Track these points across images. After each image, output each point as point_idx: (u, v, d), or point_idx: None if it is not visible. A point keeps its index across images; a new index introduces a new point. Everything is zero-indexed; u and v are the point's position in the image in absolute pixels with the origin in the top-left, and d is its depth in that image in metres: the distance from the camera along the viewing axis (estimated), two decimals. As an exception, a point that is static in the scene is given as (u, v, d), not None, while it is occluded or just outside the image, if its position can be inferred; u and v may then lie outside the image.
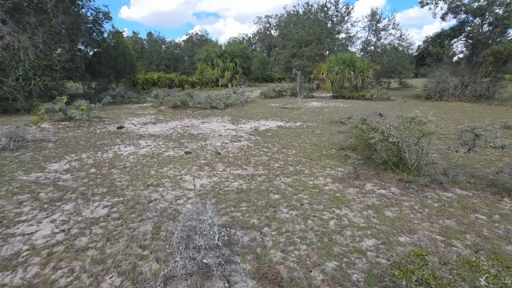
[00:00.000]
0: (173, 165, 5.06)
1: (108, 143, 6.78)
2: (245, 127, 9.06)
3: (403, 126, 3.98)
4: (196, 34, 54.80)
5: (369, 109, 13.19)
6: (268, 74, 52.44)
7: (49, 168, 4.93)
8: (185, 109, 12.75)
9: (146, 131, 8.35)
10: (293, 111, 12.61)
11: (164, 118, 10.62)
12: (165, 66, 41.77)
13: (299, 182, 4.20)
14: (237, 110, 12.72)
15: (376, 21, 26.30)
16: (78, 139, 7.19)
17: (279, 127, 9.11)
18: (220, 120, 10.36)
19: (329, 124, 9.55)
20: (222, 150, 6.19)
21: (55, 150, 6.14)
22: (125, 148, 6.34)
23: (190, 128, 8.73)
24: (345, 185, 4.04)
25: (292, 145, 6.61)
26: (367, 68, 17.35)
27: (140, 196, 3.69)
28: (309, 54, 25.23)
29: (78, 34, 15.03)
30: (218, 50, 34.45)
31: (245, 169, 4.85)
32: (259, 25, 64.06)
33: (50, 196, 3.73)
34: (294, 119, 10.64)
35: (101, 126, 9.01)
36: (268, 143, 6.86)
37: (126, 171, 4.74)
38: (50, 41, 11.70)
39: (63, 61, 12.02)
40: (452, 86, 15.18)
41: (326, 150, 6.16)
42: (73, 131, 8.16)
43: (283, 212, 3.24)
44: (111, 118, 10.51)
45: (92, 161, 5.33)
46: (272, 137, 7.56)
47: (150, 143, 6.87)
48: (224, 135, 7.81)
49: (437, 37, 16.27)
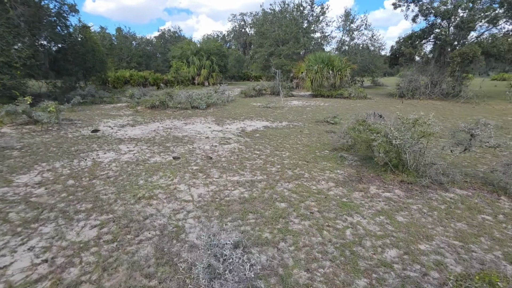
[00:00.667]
0: (163, 173, 4.66)
1: (84, 149, 6.14)
2: (231, 128, 8.76)
3: (404, 127, 3.97)
4: (169, 30, 52.97)
5: (349, 108, 13.48)
6: (244, 72, 52.14)
7: (17, 181, 4.30)
8: (164, 109, 12.11)
9: (125, 134, 7.74)
10: (277, 110, 12.49)
11: (143, 120, 9.97)
12: (136, 63, 39.86)
13: (302, 187, 4.03)
14: (220, 110, 12.34)
15: (350, 21, 27.06)
16: (48, 145, 6.45)
17: (266, 127, 8.92)
18: (204, 121, 9.94)
19: (315, 123, 9.54)
20: (213, 154, 5.87)
21: (22, 159, 5.43)
22: (105, 155, 5.78)
23: (174, 130, 8.25)
24: (349, 189, 3.94)
25: (284, 147, 6.45)
26: (344, 67, 17.74)
27: (133, 212, 3.30)
28: (286, 53, 25.34)
29: (40, 27, 13.67)
30: (193, 48, 33.46)
31: (242, 174, 4.59)
32: (234, 22, 63.48)
33: (23, 217, 3.21)
34: (279, 118, 10.52)
35: (73, 129, 8.22)
36: (259, 145, 6.65)
37: (110, 182, 4.27)
38: (7, 35, 10.48)
39: (23, 58, 10.83)
40: (423, 85, 16.00)
41: (319, 151, 6.08)
42: (40, 136, 7.33)
43: (295, 223, 3.05)
44: (83, 120, 9.65)
45: (69, 171, 4.76)
46: (262, 138, 7.35)
47: (132, 148, 6.34)
48: (211, 137, 7.46)
49: (409, 38, 17.07)
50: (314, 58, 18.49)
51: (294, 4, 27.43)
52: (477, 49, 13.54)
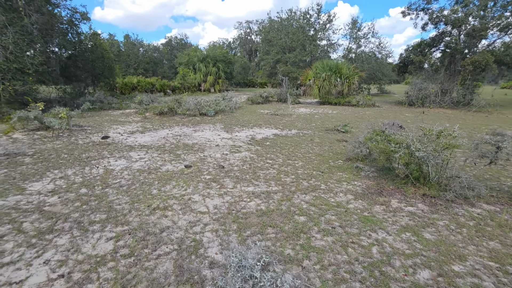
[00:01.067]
0: (176, 182, 4.58)
1: (95, 156, 6.11)
2: (241, 135, 8.68)
3: (427, 139, 3.84)
4: (176, 37, 53.69)
5: (358, 116, 13.35)
6: (249, 79, 52.46)
7: (30, 189, 4.26)
8: (172, 116, 12.12)
9: (135, 141, 7.72)
10: (285, 118, 12.42)
11: (152, 126, 9.96)
12: (143, 70, 40.39)
13: (320, 200, 3.91)
14: (228, 117, 12.31)
15: (357, 29, 27.11)
16: (59, 151, 6.43)
17: (276, 135, 8.83)
18: (213, 128, 9.90)
19: (325, 131, 9.42)
20: (225, 162, 5.78)
21: (34, 165, 5.40)
22: (116, 162, 5.73)
23: (183, 138, 8.20)
24: (369, 202, 3.80)
25: (296, 156, 6.34)
26: (352, 74, 17.67)
27: (148, 224, 3.20)
28: (293, 60, 25.41)
29: (52, 35, 13.91)
30: (200, 55, 33.82)
31: (257, 185, 4.48)
32: (240, 30, 64.19)
33: (37, 227, 3.14)
34: (288, 126, 10.43)
35: (83, 135, 8.23)
36: (271, 153, 6.54)
37: (123, 191, 4.20)
38: (21, 42, 10.64)
39: (36, 64, 10.98)
40: (433, 93, 15.81)
41: (333, 161, 5.95)
42: (51, 142, 7.34)
43: (317, 238, 2.92)
44: (93, 127, 9.68)
45: (81, 179, 4.71)
46: (272, 146, 7.25)
47: (142, 155, 6.29)
48: (221, 145, 7.39)
49: (418, 46, 16.97)
50: (321, 66, 18.46)
51: (300, 12, 27.68)
52: (490, 57, 13.38)
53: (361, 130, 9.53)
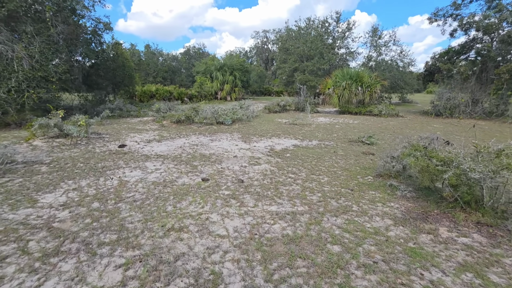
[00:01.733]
0: (193, 198, 4.24)
1: (111, 166, 5.92)
2: (259, 146, 8.32)
3: (481, 157, 3.30)
4: (194, 47, 54.92)
5: (381, 126, 12.67)
6: (265, 87, 52.50)
7: (42, 202, 4.06)
8: (189, 124, 11.99)
9: (151, 150, 7.53)
10: (304, 128, 11.97)
11: (168, 135, 9.81)
12: (162, 78, 41.31)
13: (354, 224, 3.43)
14: (245, 126, 12.01)
15: (378, 37, 26.42)
16: (76, 160, 6.31)
17: (296, 146, 8.40)
18: (230, 137, 9.60)
19: (349, 143, 8.88)
20: (244, 176, 5.41)
21: (49, 175, 5.26)
22: (131, 173, 5.50)
23: (200, 147, 7.94)
24: (413, 230, 3.28)
25: (320, 170, 5.87)
26: (374, 83, 17.01)
27: (162, 248, 2.86)
28: (311, 69, 25.00)
29: (77, 44, 14.33)
30: (217, 63, 34.21)
31: (280, 204, 4.06)
32: (257, 39, 64.80)
33: (43, 248, 2.87)
34: (308, 137, 9.97)
35: (101, 144, 8.15)
36: (292, 166, 6.11)
37: (137, 206, 3.90)
38: (47, 51, 10.94)
39: (60, 72, 11.22)
40: (463, 103, 14.85)
41: (361, 177, 5.44)
42: (69, 150, 7.28)
43: (358, 276, 2.45)
44: (110, 134, 9.65)
45: (94, 191, 4.48)
46: (293, 158, 6.82)
47: (158, 166, 6.04)
48: (239, 156, 7.04)
49: (445, 54, 16.11)
50: (341, 74, 17.95)
51: (319, 20, 27.40)
52: (528, 65, 12.41)
53: (387, 142, 8.94)
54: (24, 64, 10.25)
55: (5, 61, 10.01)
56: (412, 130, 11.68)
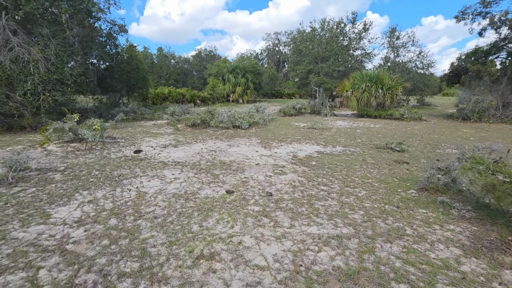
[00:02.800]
0: (219, 215, 3.78)
1: (127, 174, 5.55)
2: (281, 152, 7.82)
3: None
4: (205, 49, 55.09)
5: (406, 131, 11.96)
6: (277, 89, 52.05)
7: (55, 216, 3.68)
8: (205, 128, 11.61)
9: (168, 156, 7.15)
10: (324, 132, 11.40)
11: (184, 140, 9.44)
12: (174, 80, 41.46)
13: (415, 254, 2.88)
14: (262, 130, 11.54)
15: (396, 37, 25.55)
16: (91, 167, 5.98)
17: (320, 153, 7.86)
18: (248, 142, 9.15)
19: (376, 150, 8.27)
20: (271, 187, 4.92)
21: (63, 184, 4.92)
22: (149, 183, 5.10)
23: (218, 153, 7.51)
24: (491, 264, 2.71)
25: (354, 182, 5.32)
26: (395, 85, 16.26)
27: (193, 284, 2.40)
28: (326, 71, 24.35)
29: (92, 47, 14.26)
30: (229, 66, 33.98)
31: (320, 224, 3.55)
32: (268, 41, 64.51)
33: (55, 279, 2.46)
34: (330, 142, 9.40)
35: (116, 149, 7.84)
36: (322, 177, 5.59)
37: (158, 225, 3.47)
38: (62, 54, 10.81)
39: (75, 75, 11.07)
40: (493, 106, 13.94)
41: (403, 190, 4.86)
42: (84, 156, 6.98)
43: (446, 333, 1.92)
44: (125, 139, 9.36)
45: (111, 204, 4.09)
46: (320, 167, 6.29)
47: (177, 174, 5.63)
48: (262, 164, 6.57)
49: (473, 54, 15.22)
50: (360, 76, 17.27)
51: (334, 21, 26.75)
52: None
53: (418, 149, 8.26)
54: (40, 67, 10.12)
55: (22, 63, 9.89)
56: (440, 135, 10.94)
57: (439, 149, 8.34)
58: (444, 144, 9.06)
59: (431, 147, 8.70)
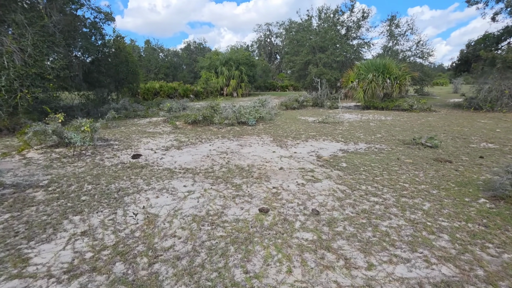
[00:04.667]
0: (264, 249, 2.81)
1: (128, 188, 4.48)
2: (301, 152, 6.88)
3: None
4: (194, 42, 53.16)
5: (422, 123, 11.19)
6: (270, 82, 50.92)
7: (36, 262, 2.63)
8: (207, 125, 10.52)
9: (173, 161, 6.09)
10: (338, 127, 10.50)
11: (188, 140, 8.36)
12: (164, 74, 39.73)
13: None
14: (271, 126, 10.55)
15: (395, 25, 24.77)
16: (82, 179, 4.87)
17: (344, 151, 6.95)
18: (260, 141, 8.15)
19: (405, 146, 7.41)
20: (311, 201, 3.97)
21: (47, 206, 3.82)
22: (158, 200, 4.06)
23: (231, 156, 6.49)
24: None
25: (406, 189, 4.43)
26: (403, 75, 15.48)
27: None
28: (325, 61, 23.40)
29: (76, 37, 12.79)
30: (222, 58, 32.54)
31: (406, 260, 2.62)
32: (259, 32, 62.97)
33: None
34: (349, 138, 8.51)
35: (110, 153, 6.71)
36: (363, 183, 4.67)
37: (185, 272, 2.47)
38: (41, 45, 9.42)
39: (57, 69, 9.72)
40: (506, 95, 13.35)
41: (471, 199, 3.99)
42: (72, 164, 5.83)
43: None
44: (120, 140, 8.20)
45: (113, 237, 3.05)
46: (355, 170, 5.37)
47: (190, 185, 4.60)
48: (286, 168, 5.60)
49: (483, 40, 14.55)
50: (366, 66, 16.40)
51: (330, 10, 25.68)
52: None
53: (450, 144, 7.42)
54: (16, 60, 8.75)
55: (-7, 56, 8.50)
56: (461, 127, 10.20)
57: (472, 144, 7.57)
58: (474, 138, 8.29)
59: (462, 141, 7.91)
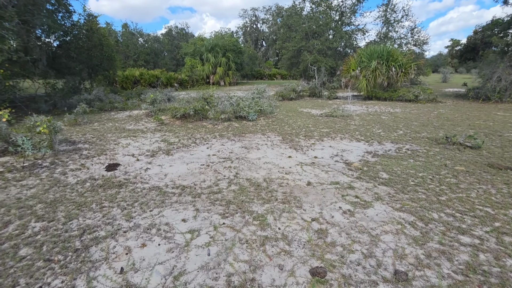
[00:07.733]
0: None
1: (98, 228, 2.97)
2: (322, 156, 5.56)
3: None
4: (176, 27, 49.99)
5: (435, 116, 10.19)
6: (257, 70, 49.07)
7: None
8: (199, 120, 8.94)
9: (163, 174, 4.58)
10: (349, 122, 9.25)
11: (178, 140, 6.80)
12: (144, 61, 36.92)
13: None
14: (274, 121, 9.13)
15: (391, 9, 23.62)
16: (28, 213, 3.29)
17: (373, 154, 5.72)
18: (268, 141, 6.75)
19: (441, 146, 6.27)
20: (377, 246, 2.67)
21: (-44, 275, 2.27)
22: (143, 252, 2.61)
23: (237, 164, 5.06)
24: None
25: (491, 216, 3.23)
26: (409, 62, 14.42)
27: None
28: (319, 48, 21.98)
29: (34, 13, 10.55)
30: (207, 44, 30.32)
31: None
32: (245, 18, 60.39)
33: None
34: (369, 136, 7.29)
35: (76, 164, 5.06)
36: (430, 208, 3.43)
37: None
38: (-16, 19, 7.36)
39: (7, 51, 7.71)
40: (515, 84, 12.62)
41: None
42: (20, 182, 4.19)
43: None
44: (91, 143, 6.50)
45: None
46: (404, 184, 4.12)
47: (191, 219, 3.16)
48: (314, 182, 4.26)
49: (493, 26, 13.69)
50: (367, 53, 15.18)
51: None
52: None
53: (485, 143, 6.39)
54: None
55: None
56: (483, 121, 9.25)
57: (512, 142, 6.56)
58: (508, 134, 7.32)
59: (499, 139, 6.90)
